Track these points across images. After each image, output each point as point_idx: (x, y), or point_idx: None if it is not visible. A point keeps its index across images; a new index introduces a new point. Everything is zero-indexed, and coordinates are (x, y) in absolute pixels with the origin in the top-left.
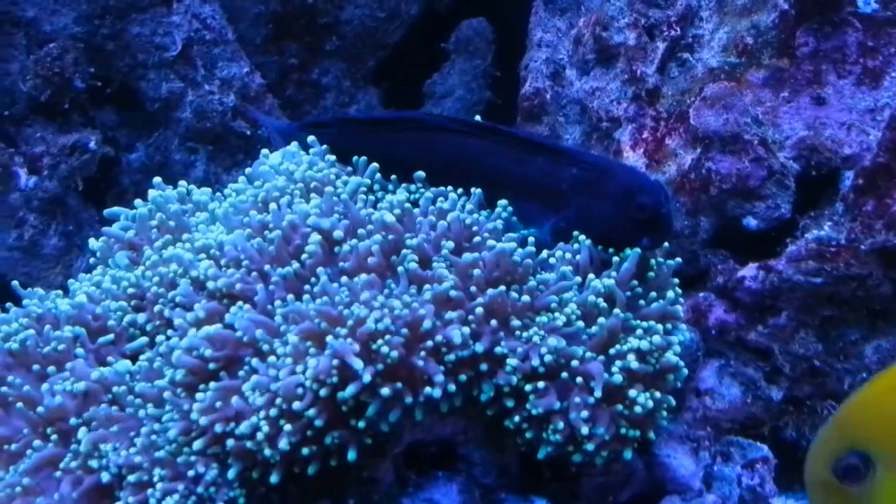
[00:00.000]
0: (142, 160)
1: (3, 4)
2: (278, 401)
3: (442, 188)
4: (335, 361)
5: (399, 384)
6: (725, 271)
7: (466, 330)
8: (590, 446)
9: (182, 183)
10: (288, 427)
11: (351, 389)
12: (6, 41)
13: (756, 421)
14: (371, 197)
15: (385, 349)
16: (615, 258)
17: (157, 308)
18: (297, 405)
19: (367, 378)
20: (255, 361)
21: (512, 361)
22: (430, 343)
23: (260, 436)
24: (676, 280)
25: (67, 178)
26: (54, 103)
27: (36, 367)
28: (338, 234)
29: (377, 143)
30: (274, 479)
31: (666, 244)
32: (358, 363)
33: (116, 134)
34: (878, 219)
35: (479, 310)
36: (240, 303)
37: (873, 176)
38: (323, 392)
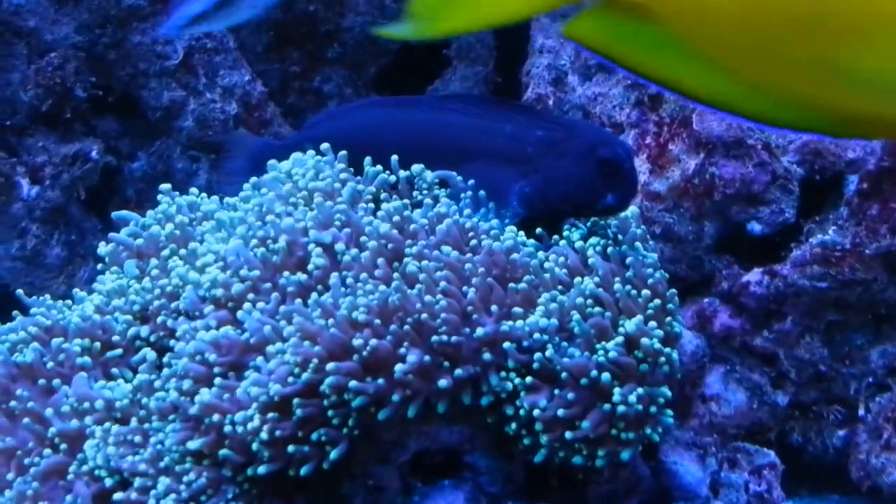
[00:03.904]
0: (144, 169)
1: (4, 14)
2: (271, 391)
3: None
4: (318, 348)
5: (381, 380)
6: (730, 277)
7: (453, 302)
8: (572, 438)
9: (193, 190)
10: (271, 415)
11: (330, 380)
12: (7, 51)
13: (762, 426)
14: (371, 205)
15: (358, 342)
16: (594, 260)
17: (160, 319)
18: (279, 389)
19: (330, 367)
20: (259, 360)
21: (508, 345)
22: (412, 325)
23: (251, 426)
24: (662, 274)
25: (70, 187)
26: (56, 113)
27: (42, 381)
28: (339, 246)
29: (350, 128)
30: (262, 470)
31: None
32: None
33: (118, 143)
34: (882, 223)
35: (472, 294)
36: (247, 305)
37: (878, 180)
38: (305, 376)
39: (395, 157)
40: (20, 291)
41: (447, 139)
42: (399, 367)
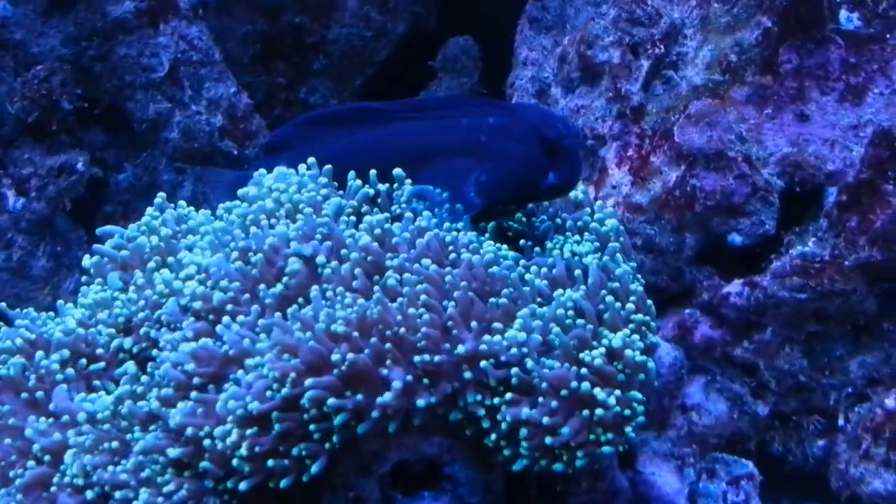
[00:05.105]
0: (130, 180)
1: None
2: (249, 406)
3: (419, 204)
4: (296, 362)
5: (360, 396)
6: (711, 288)
7: (434, 317)
8: (554, 443)
9: (182, 203)
10: (250, 430)
11: (309, 394)
12: None
13: (742, 436)
14: (353, 218)
15: (337, 356)
16: (578, 272)
17: (143, 330)
18: (256, 405)
19: (309, 382)
20: (239, 373)
21: (484, 364)
22: (391, 340)
23: (230, 441)
24: (640, 283)
25: (55, 199)
26: (42, 125)
27: (24, 395)
28: (320, 259)
29: (316, 141)
30: (243, 486)
31: (612, 222)
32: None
33: (104, 154)
34: (861, 235)
35: (452, 309)
36: (227, 318)
37: (857, 192)
38: (284, 391)
39: (373, 172)
40: (3, 305)
41: (407, 148)
42: (386, 395)
